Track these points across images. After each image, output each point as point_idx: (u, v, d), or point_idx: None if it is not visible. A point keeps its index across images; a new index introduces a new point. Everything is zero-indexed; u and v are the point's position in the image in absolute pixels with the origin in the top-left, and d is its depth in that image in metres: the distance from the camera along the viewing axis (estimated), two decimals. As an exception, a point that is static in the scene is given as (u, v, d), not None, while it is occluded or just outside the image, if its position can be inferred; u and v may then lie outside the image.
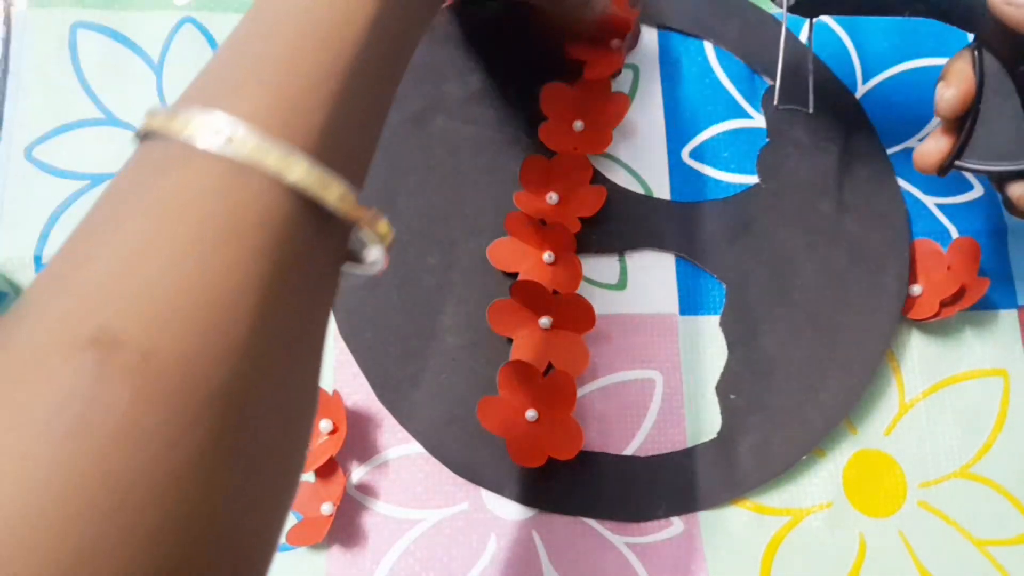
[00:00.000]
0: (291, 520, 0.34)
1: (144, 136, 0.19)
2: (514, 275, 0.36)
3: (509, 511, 0.35)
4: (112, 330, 0.16)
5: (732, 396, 0.36)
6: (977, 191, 0.39)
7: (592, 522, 0.35)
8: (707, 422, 0.36)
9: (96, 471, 0.15)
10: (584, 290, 0.37)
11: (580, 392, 0.36)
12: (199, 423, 0.16)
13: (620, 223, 0.38)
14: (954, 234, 0.38)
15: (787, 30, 0.40)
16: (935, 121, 0.35)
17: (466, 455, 0.35)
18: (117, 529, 0.15)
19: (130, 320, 0.16)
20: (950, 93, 0.30)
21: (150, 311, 0.16)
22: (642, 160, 0.39)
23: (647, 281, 0.37)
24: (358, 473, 0.35)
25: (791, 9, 0.32)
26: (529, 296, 0.35)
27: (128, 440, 0.15)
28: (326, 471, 0.34)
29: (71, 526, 0.14)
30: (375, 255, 0.21)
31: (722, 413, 0.36)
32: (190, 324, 0.16)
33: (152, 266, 0.17)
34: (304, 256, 0.19)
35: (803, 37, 0.40)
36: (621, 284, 0.37)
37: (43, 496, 0.14)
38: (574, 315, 0.35)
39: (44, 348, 0.16)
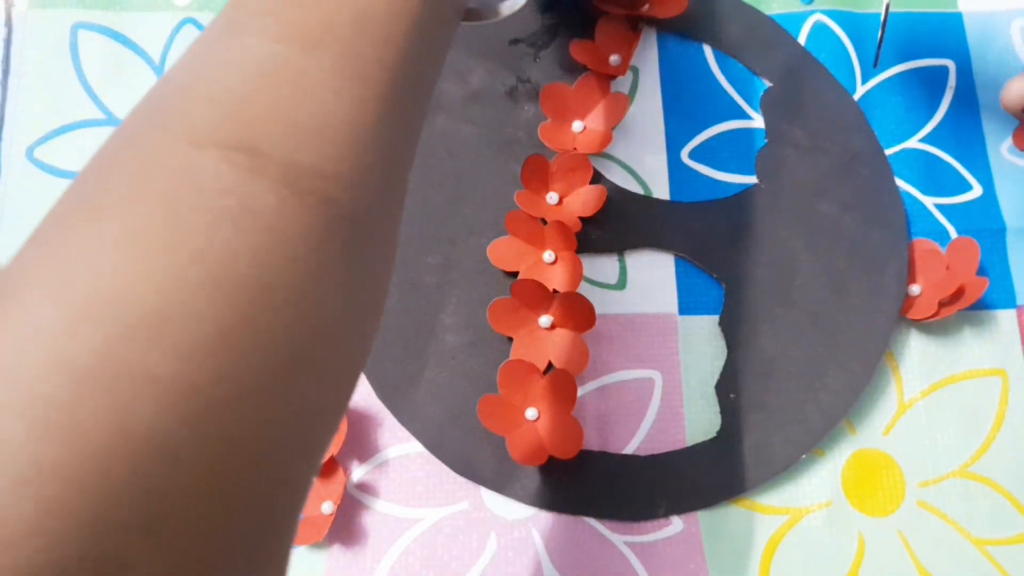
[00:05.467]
0: (291, 519, 0.34)
1: None
2: (514, 274, 0.36)
3: (509, 510, 0.35)
4: (257, 141, 0.16)
5: (732, 395, 0.36)
6: (976, 191, 0.39)
7: (592, 521, 0.35)
8: (707, 422, 0.36)
9: (250, 263, 0.15)
10: (584, 290, 0.37)
11: (580, 392, 0.36)
12: (333, 235, 0.17)
13: (620, 223, 0.38)
14: (953, 234, 0.39)
15: (783, 31, 0.40)
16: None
17: (466, 454, 0.35)
18: (261, 315, 0.15)
19: (271, 134, 0.17)
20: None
21: (289, 128, 0.17)
22: (642, 160, 0.39)
23: (647, 281, 0.37)
24: (358, 472, 0.35)
25: None
26: (529, 295, 0.35)
27: (274, 240, 0.16)
28: (326, 470, 0.34)
29: (225, 305, 0.15)
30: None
31: (722, 413, 0.36)
32: (327, 143, 0.17)
33: (285, 84, 0.17)
34: (430, 52, 0.21)
35: (801, 39, 0.41)
36: (621, 284, 0.37)
37: (201, 270, 0.15)
38: (574, 314, 0.35)
39: (195, 143, 0.16)
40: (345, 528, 0.34)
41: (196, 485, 0.14)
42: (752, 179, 0.39)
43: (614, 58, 0.38)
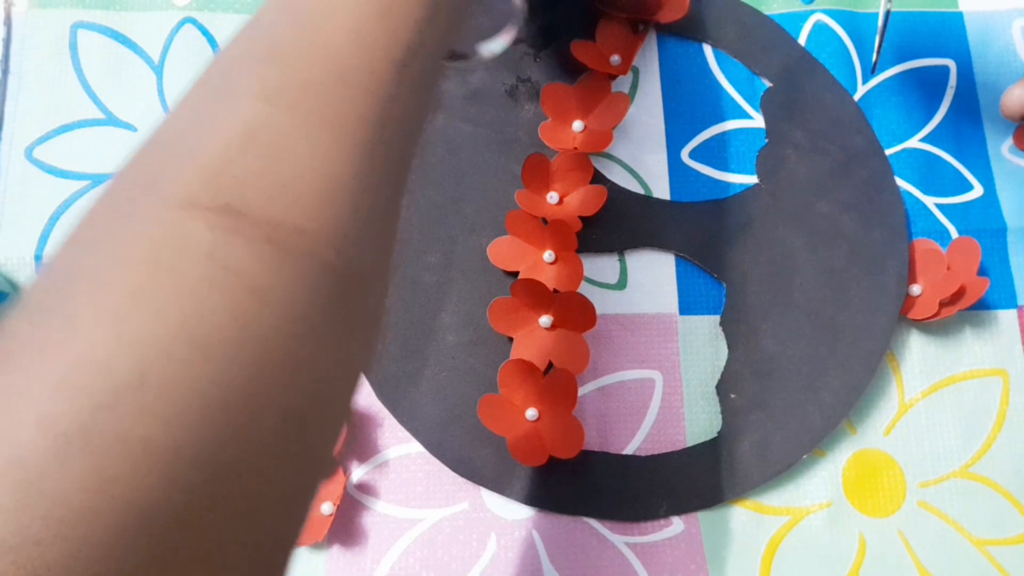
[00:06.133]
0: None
1: None
2: (515, 274, 0.36)
3: (509, 511, 0.35)
4: (239, 202, 0.17)
5: (732, 396, 0.36)
6: (977, 191, 0.39)
7: (592, 522, 0.35)
8: (707, 422, 0.36)
9: (231, 324, 0.16)
10: (584, 290, 0.37)
11: (580, 392, 0.36)
12: (318, 291, 0.17)
13: (620, 223, 0.38)
14: (954, 234, 0.38)
15: (783, 31, 0.40)
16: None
17: (466, 454, 0.35)
18: (244, 375, 0.16)
19: (255, 195, 0.17)
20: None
21: (272, 188, 0.17)
22: (642, 160, 0.39)
23: (647, 281, 0.37)
24: (358, 472, 0.35)
25: None
26: (530, 295, 0.35)
27: (257, 301, 0.16)
28: (326, 470, 0.34)
29: (207, 368, 0.15)
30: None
31: (722, 413, 0.36)
32: (309, 201, 0.17)
33: (269, 145, 0.18)
34: (413, 100, 0.20)
35: (802, 39, 0.41)
36: (621, 284, 0.37)
37: (183, 335, 0.15)
38: (575, 313, 0.35)
39: (179, 206, 0.16)
40: (345, 529, 0.34)
41: (181, 545, 0.14)
42: (752, 179, 0.39)
43: (615, 58, 0.38)
